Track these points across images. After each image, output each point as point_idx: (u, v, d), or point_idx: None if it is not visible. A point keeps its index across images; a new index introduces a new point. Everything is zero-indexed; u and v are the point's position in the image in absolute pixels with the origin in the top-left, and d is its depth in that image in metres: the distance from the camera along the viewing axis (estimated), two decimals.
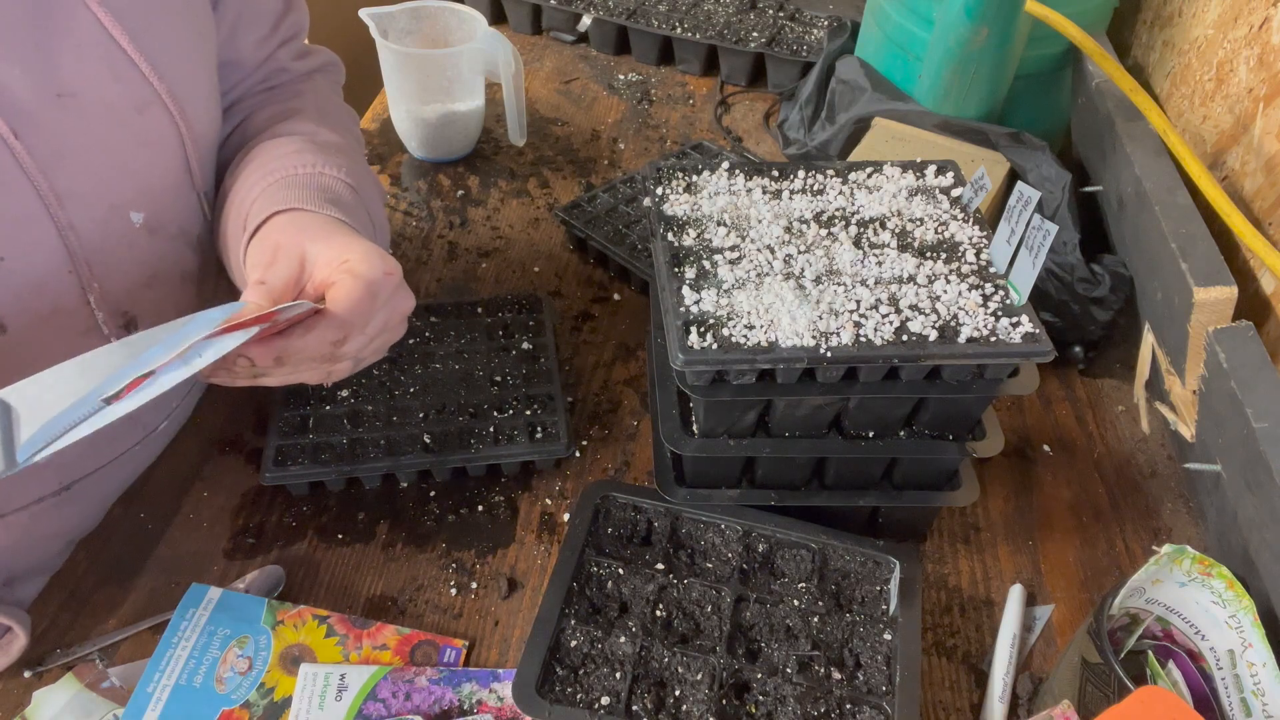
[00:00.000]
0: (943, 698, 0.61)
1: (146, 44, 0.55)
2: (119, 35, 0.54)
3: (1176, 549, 0.51)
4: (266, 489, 0.69)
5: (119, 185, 0.57)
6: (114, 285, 0.59)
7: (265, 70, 0.71)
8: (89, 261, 0.56)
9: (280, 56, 0.71)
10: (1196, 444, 0.69)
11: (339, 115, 0.73)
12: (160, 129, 0.58)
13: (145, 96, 0.56)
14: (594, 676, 0.56)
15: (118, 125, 0.55)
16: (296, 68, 0.72)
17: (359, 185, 0.63)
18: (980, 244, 0.61)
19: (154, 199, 0.59)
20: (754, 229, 0.62)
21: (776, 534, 0.63)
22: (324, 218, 0.57)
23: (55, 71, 0.52)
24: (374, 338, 0.55)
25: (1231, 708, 0.52)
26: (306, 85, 0.73)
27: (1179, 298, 0.67)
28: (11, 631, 0.57)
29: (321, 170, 0.61)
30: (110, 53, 0.54)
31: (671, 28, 1.20)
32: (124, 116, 0.55)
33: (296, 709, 0.56)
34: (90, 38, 0.53)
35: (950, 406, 0.59)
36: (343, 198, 0.60)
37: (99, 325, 0.58)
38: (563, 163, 1.06)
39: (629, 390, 0.79)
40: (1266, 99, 0.73)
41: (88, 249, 0.56)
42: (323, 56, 0.76)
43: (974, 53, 0.83)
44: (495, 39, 0.95)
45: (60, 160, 0.53)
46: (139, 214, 0.58)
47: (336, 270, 0.52)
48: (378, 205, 0.67)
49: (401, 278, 0.55)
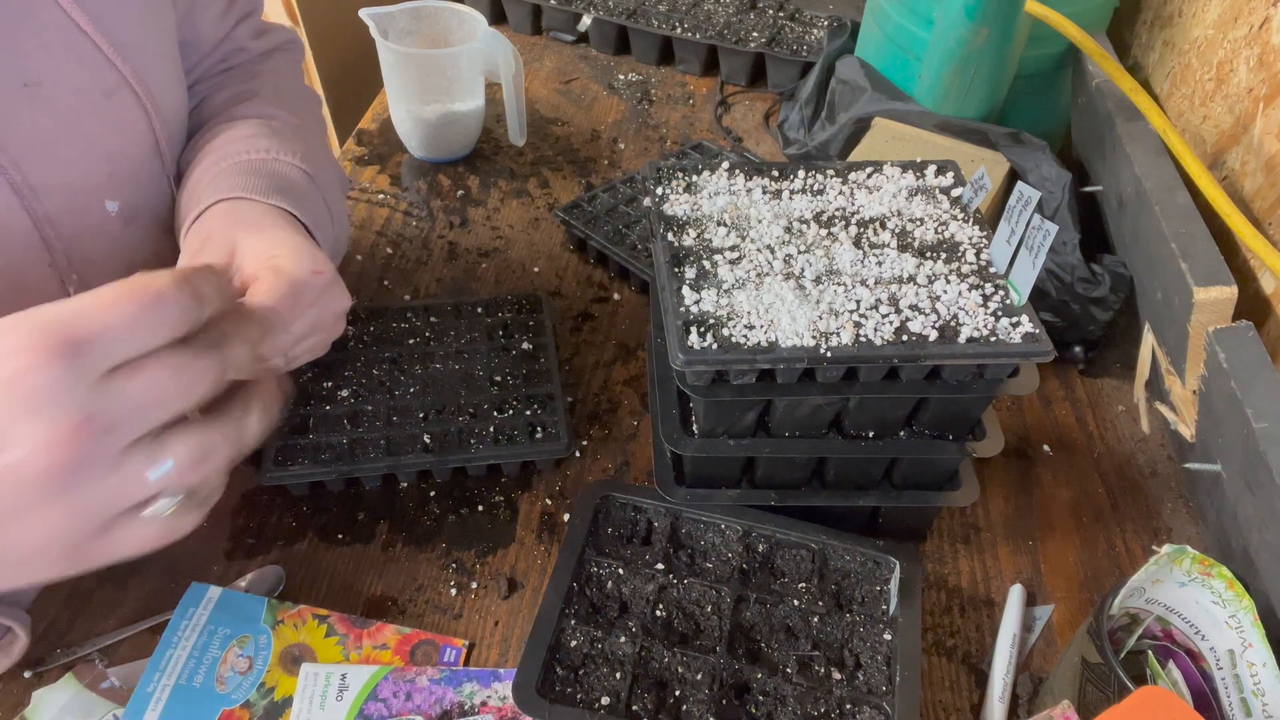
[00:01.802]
0: (943, 698, 0.61)
1: (110, 27, 0.54)
2: (82, 20, 0.53)
3: (1176, 549, 0.51)
4: (266, 489, 0.69)
5: (93, 173, 0.56)
6: (92, 276, 0.58)
7: (223, 50, 0.70)
8: (67, 254, 0.55)
9: (238, 35, 0.70)
10: (1196, 444, 0.69)
11: (299, 97, 0.72)
12: (129, 113, 0.57)
13: (112, 81, 0.55)
14: (594, 676, 0.56)
15: (87, 112, 0.54)
16: (254, 47, 0.71)
17: (315, 172, 0.62)
18: (980, 244, 0.61)
19: (127, 186, 0.58)
20: (754, 229, 0.62)
21: (776, 534, 0.63)
22: (265, 207, 0.55)
23: (20, 61, 0.51)
24: (302, 337, 0.52)
25: (1231, 708, 0.52)
26: (265, 66, 0.72)
27: (1179, 298, 0.67)
28: (12, 632, 0.57)
29: (276, 156, 0.59)
30: (74, 38, 0.53)
31: (671, 28, 1.20)
32: (93, 102, 0.54)
33: (297, 709, 0.56)
34: (53, 24, 0.52)
35: (950, 406, 0.59)
36: (296, 185, 0.59)
37: None
38: (563, 163, 1.06)
39: (629, 390, 0.79)
40: (1266, 99, 0.73)
41: (65, 241, 0.55)
42: (280, 35, 0.75)
43: (974, 53, 0.83)
44: (495, 39, 0.95)
45: (32, 152, 0.52)
46: (114, 202, 0.57)
47: (263, 265, 0.50)
48: (336, 192, 0.66)
49: (334, 276, 0.53)
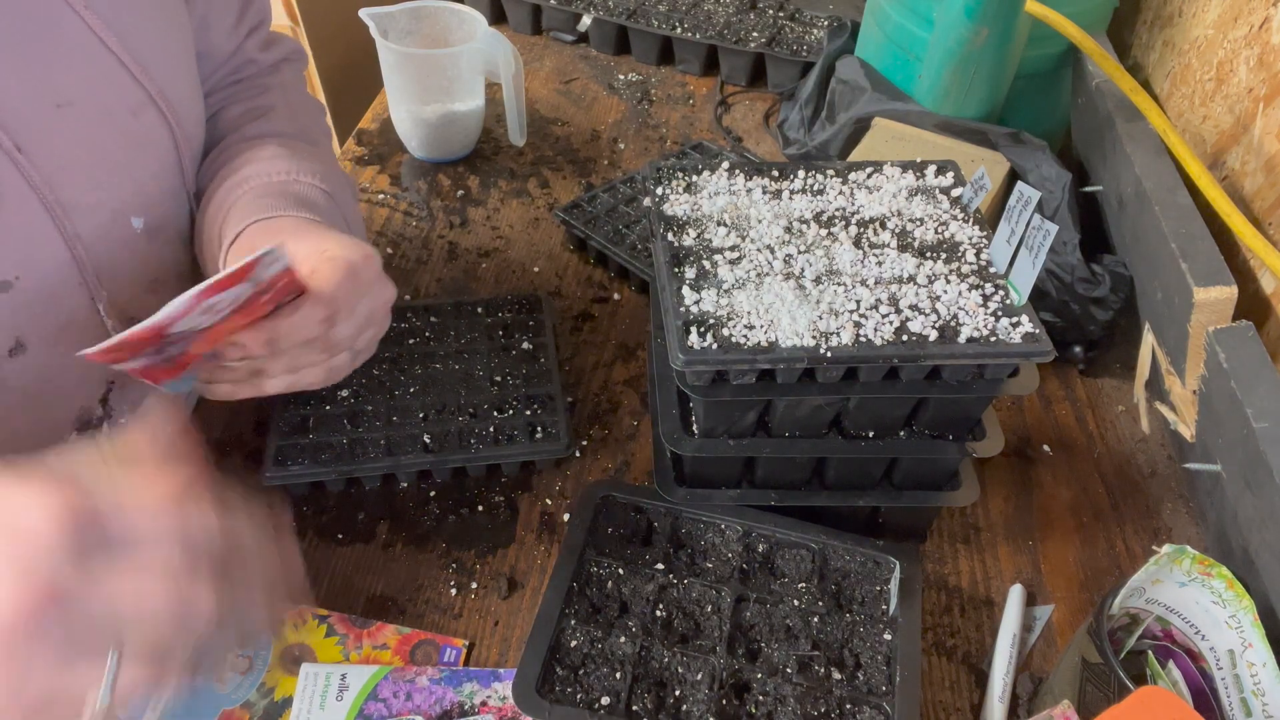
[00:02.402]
0: (943, 698, 0.61)
1: (135, 45, 0.55)
2: (108, 39, 0.53)
3: (1176, 549, 0.51)
4: (266, 489, 0.69)
5: (120, 191, 0.57)
6: (119, 292, 0.59)
7: (234, 62, 0.70)
8: (96, 270, 0.56)
9: (248, 47, 0.71)
10: (1196, 444, 0.69)
11: (308, 112, 0.73)
12: (155, 130, 0.58)
13: (139, 99, 0.56)
14: (594, 676, 0.56)
15: (116, 130, 0.55)
16: (263, 59, 0.72)
17: (333, 190, 0.64)
18: (980, 244, 0.61)
19: (152, 202, 0.59)
20: (754, 229, 0.62)
21: (776, 534, 0.63)
22: (298, 219, 0.57)
23: (51, 81, 0.51)
24: (363, 326, 0.55)
25: (1231, 708, 0.52)
26: (274, 80, 0.72)
27: (1179, 298, 0.67)
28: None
29: (296, 177, 0.61)
30: (102, 57, 0.54)
31: (671, 28, 1.20)
32: (121, 121, 0.55)
33: (297, 709, 0.56)
34: (81, 44, 0.53)
35: (950, 406, 0.59)
36: (318, 204, 0.61)
37: (110, 334, 0.58)
38: (563, 163, 1.06)
39: (629, 390, 0.79)
40: (1266, 99, 0.73)
41: (94, 258, 0.56)
42: (287, 46, 0.76)
43: (974, 53, 0.83)
44: (495, 39, 0.95)
45: (64, 171, 0.53)
46: (139, 219, 0.58)
47: (318, 258, 0.52)
48: (353, 207, 0.68)
49: (381, 267, 0.55)
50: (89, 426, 0.59)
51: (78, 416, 0.59)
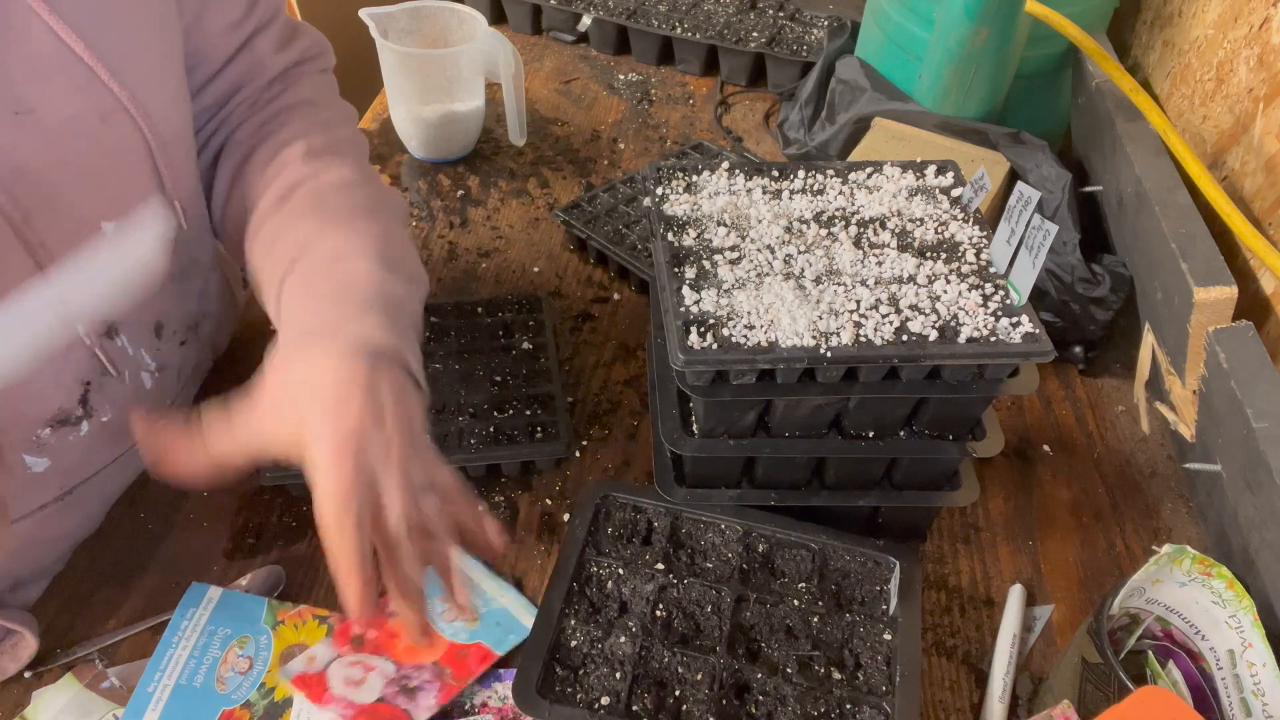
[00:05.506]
0: (943, 698, 0.61)
1: (104, 49, 0.52)
2: (74, 44, 0.51)
3: (1176, 549, 0.51)
4: (266, 489, 0.69)
5: (87, 198, 0.55)
6: None
7: (240, 66, 0.64)
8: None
9: (258, 48, 0.65)
10: (1196, 444, 0.69)
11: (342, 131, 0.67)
12: (126, 137, 0.55)
13: (108, 105, 0.53)
14: (594, 676, 0.56)
15: (81, 138, 0.53)
16: (276, 63, 0.66)
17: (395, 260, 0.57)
18: (980, 244, 0.61)
19: (125, 207, 0.57)
20: (754, 229, 0.62)
21: (776, 534, 0.63)
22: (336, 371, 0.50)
23: (10, 89, 0.49)
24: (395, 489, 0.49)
25: (1231, 708, 0.52)
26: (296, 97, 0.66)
27: (1179, 298, 0.67)
28: (21, 636, 0.57)
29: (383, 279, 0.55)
30: (67, 63, 0.51)
31: (671, 28, 1.20)
32: (87, 128, 0.53)
33: (297, 709, 0.56)
34: (44, 50, 0.50)
35: (950, 406, 0.59)
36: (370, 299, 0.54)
37: (81, 338, 0.57)
38: (563, 163, 1.06)
39: (629, 390, 0.79)
40: (1266, 99, 0.73)
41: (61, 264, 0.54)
42: (304, 41, 0.68)
43: (974, 53, 0.83)
44: (495, 39, 0.95)
45: (22, 179, 0.50)
46: (110, 224, 0.56)
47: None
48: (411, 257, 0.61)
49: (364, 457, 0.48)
50: (66, 425, 0.59)
51: (54, 416, 0.58)
